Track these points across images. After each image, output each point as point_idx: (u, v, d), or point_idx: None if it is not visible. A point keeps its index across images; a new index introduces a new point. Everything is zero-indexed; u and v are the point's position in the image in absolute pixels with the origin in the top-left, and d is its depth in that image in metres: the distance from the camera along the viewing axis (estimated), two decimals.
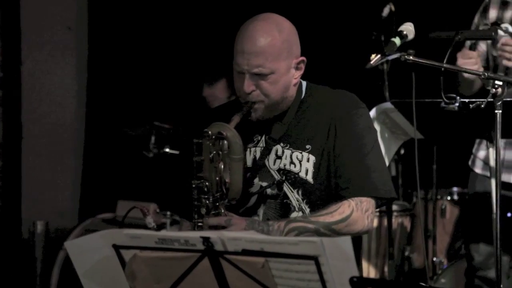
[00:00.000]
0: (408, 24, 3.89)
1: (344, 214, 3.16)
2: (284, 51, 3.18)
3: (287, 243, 2.70)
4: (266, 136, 3.33)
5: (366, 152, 3.25)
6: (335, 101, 3.31)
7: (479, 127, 4.06)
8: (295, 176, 3.26)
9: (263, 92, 3.19)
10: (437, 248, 5.46)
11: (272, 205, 3.29)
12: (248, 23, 3.22)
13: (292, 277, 2.67)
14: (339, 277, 2.57)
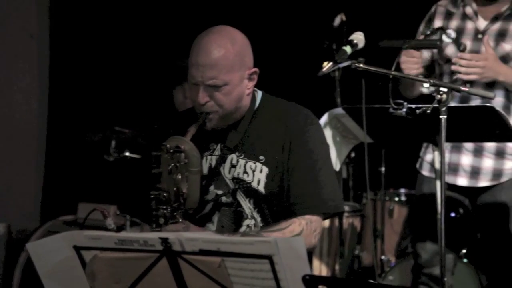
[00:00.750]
0: (359, 33, 3.92)
1: (294, 232, 3.17)
2: (237, 63, 3.18)
3: (242, 243, 2.70)
4: (221, 145, 3.33)
5: (318, 169, 3.26)
6: (290, 116, 3.31)
7: (425, 132, 4.09)
8: (248, 186, 3.27)
9: (217, 103, 3.19)
10: (385, 247, 5.49)
11: (226, 213, 3.30)
12: (202, 35, 3.21)
13: (247, 276, 2.67)
14: (292, 276, 2.58)
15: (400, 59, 4.24)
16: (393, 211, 5.60)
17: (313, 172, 3.24)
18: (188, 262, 2.69)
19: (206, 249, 2.66)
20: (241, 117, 3.31)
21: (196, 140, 3.14)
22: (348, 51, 3.85)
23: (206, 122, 3.21)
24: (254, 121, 3.32)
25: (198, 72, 3.15)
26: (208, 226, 3.29)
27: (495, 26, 4.46)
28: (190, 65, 3.19)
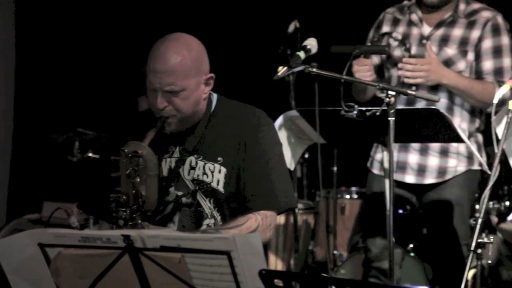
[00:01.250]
0: (312, 39, 3.94)
1: (250, 228, 3.17)
2: (193, 69, 3.18)
3: (202, 239, 2.70)
4: (180, 148, 3.32)
5: (271, 167, 3.27)
6: (245, 118, 3.32)
7: (374, 132, 4.11)
8: (208, 186, 3.27)
9: (175, 108, 3.18)
10: (337, 242, 5.51)
11: (186, 213, 3.29)
12: (159, 43, 3.20)
13: (206, 271, 2.67)
14: (249, 270, 2.58)
15: (353, 69, 4.27)
16: (345, 208, 5.61)
17: (267, 170, 3.25)
18: (149, 258, 2.68)
19: (166, 246, 2.65)
20: (199, 120, 3.30)
21: (155, 143, 3.14)
22: (302, 56, 3.88)
23: (165, 126, 3.20)
24: (211, 124, 3.32)
25: (156, 78, 3.14)
26: (170, 226, 3.29)
27: (438, 32, 4.51)
28: (148, 71, 3.18)
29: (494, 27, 4.45)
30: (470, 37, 4.45)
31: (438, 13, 4.52)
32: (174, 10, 6.38)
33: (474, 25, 4.46)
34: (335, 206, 5.52)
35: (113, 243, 2.67)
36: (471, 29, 4.46)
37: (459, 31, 4.48)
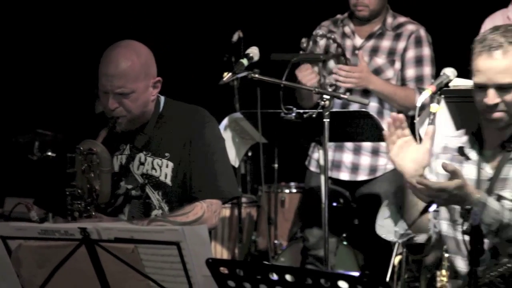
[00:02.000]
0: (254, 47, 3.95)
1: (197, 215, 3.17)
2: (142, 73, 3.17)
3: (153, 231, 2.71)
4: (130, 145, 3.31)
5: (215, 160, 3.27)
6: (190, 116, 3.31)
7: (311, 133, 4.13)
8: (156, 180, 3.26)
9: (125, 109, 3.17)
10: (278, 232, 5.52)
11: (136, 205, 3.28)
12: (110, 49, 3.20)
13: (158, 260, 2.66)
14: (197, 259, 2.58)
15: (298, 77, 4.29)
16: (285, 201, 5.62)
17: (211, 162, 3.25)
18: (104, 249, 2.66)
19: (120, 237, 2.65)
20: (147, 120, 3.30)
21: (107, 142, 3.14)
22: (245, 63, 3.89)
23: (116, 125, 3.19)
24: (159, 123, 3.31)
25: (107, 81, 3.13)
26: (120, 217, 3.28)
27: (369, 43, 4.55)
28: (100, 75, 3.17)
29: (417, 39, 4.51)
30: (397, 48, 4.51)
31: (368, 26, 4.57)
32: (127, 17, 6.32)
33: (400, 37, 4.52)
34: (276, 199, 5.53)
35: (70, 235, 2.66)
36: (397, 41, 4.52)
37: (387, 43, 4.54)
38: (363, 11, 4.50)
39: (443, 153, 2.97)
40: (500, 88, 2.75)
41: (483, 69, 2.76)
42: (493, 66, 2.74)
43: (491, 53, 2.74)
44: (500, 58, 2.74)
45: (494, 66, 2.74)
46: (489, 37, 2.77)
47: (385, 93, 4.44)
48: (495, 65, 2.74)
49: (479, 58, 2.77)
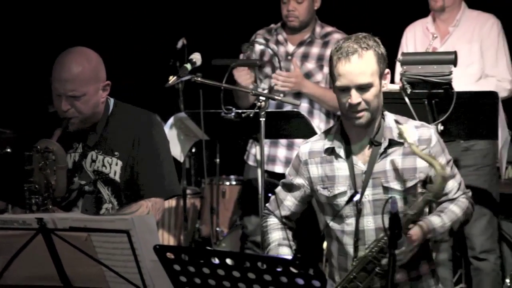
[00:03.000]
0: (197, 53, 3.95)
1: (142, 213, 3.16)
2: (92, 77, 3.15)
3: (105, 220, 2.69)
4: (82, 144, 3.28)
5: (161, 161, 3.26)
6: (138, 118, 3.29)
7: (249, 130, 4.14)
8: (106, 176, 3.23)
9: (77, 110, 3.14)
10: (219, 221, 5.52)
11: (88, 199, 3.26)
12: (63, 55, 3.17)
13: (109, 247, 2.64)
14: (145, 246, 2.56)
15: (235, 77, 4.29)
16: (226, 193, 5.62)
17: (157, 163, 3.24)
18: (60, 237, 2.63)
19: (75, 226, 2.61)
20: (98, 121, 3.26)
21: (61, 141, 3.11)
22: (189, 67, 3.89)
23: (69, 125, 3.16)
24: (109, 123, 3.28)
25: (60, 85, 3.10)
26: (74, 210, 3.25)
27: (300, 50, 4.57)
28: (53, 80, 3.13)
29: None
30: (325, 54, 4.52)
31: (299, 34, 4.59)
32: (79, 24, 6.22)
33: (328, 45, 4.54)
34: (218, 191, 5.52)
35: (28, 225, 2.62)
36: (325, 48, 4.54)
37: (316, 49, 4.56)
38: (293, 21, 4.52)
39: (310, 158, 3.00)
40: (359, 88, 2.79)
41: (343, 72, 2.80)
42: (352, 69, 2.79)
43: (348, 58, 2.79)
44: (357, 62, 2.79)
45: (352, 69, 2.79)
46: (344, 45, 2.82)
47: (316, 96, 4.47)
48: (353, 68, 2.79)
49: (339, 64, 2.81)
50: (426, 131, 2.91)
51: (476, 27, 4.36)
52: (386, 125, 2.91)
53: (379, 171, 2.89)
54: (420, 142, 2.87)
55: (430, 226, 2.82)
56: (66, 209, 3.21)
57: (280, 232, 3.11)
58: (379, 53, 2.84)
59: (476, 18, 4.39)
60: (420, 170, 2.88)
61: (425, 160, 2.79)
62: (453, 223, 2.89)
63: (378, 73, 2.84)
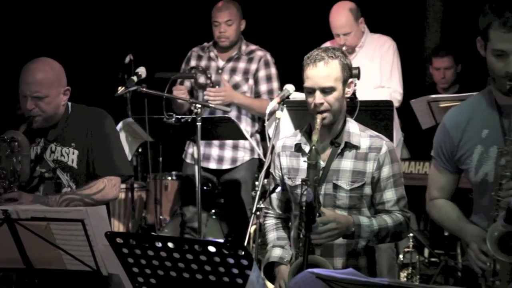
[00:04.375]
0: (142, 67, 3.96)
1: (99, 188, 3.14)
2: (55, 82, 3.16)
3: (62, 211, 2.69)
4: (44, 139, 3.26)
5: (112, 146, 3.25)
6: (91, 113, 3.29)
7: (188, 133, 4.13)
8: (65, 164, 3.21)
9: (40, 109, 3.14)
10: (162, 210, 5.48)
11: (49, 184, 3.23)
12: (30, 63, 3.17)
13: (66, 234, 2.63)
14: (98, 232, 2.56)
15: (174, 93, 4.27)
16: (168, 186, 5.59)
17: (109, 148, 3.23)
18: (22, 226, 2.61)
19: (36, 217, 2.60)
20: (58, 120, 3.25)
21: (27, 135, 3.11)
22: (135, 79, 3.89)
23: (33, 122, 3.15)
24: (68, 121, 3.27)
25: (26, 87, 3.12)
26: (36, 194, 3.20)
27: (229, 65, 4.59)
28: (21, 83, 3.14)
29: (265, 62, 4.57)
30: (250, 69, 4.56)
31: (228, 52, 4.61)
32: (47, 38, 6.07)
33: (252, 60, 4.57)
34: (161, 185, 5.49)
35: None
36: (250, 63, 4.57)
37: (243, 64, 4.58)
38: (225, 42, 4.54)
39: (283, 151, 2.97)
40: (323, 90, 2.78)
41: (310, 76, 2.80)
42: (318, 73, 2.78)
43: (316, 64, 2.79)
44: (323, 67, 2.78)
45: (318, 73, 2.78)
46: (314, 54, 2.83)
47: (245, 105, 4.49)
48: (319, 73, 2.78)
49: (308, 68, 2.81)
50: (379, 141, 2.84)
51: (376, 47, 4.46)
52: (346, 129, 2.86)
53: (334, 169, 2.82)
54: (371, 150, 2.82)
55: (356, 221, 2.74)
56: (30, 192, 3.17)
57: (275, 233, 3.02)
58: (344, 63, 2.81)
59: (376, 40, 4.50)
60: (368, 174, 2.81)
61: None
62: (381, 229, 2.77)
63: (341, 80, 2.80)
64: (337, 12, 4.40)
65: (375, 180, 2.82)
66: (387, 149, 2.83)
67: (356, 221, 2.74)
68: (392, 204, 2.82)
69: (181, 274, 2.31)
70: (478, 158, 2.53)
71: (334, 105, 2.79)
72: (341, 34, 4.37)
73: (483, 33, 2.42)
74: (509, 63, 2.37)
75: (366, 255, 2.88)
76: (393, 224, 2.79)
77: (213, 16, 4.53)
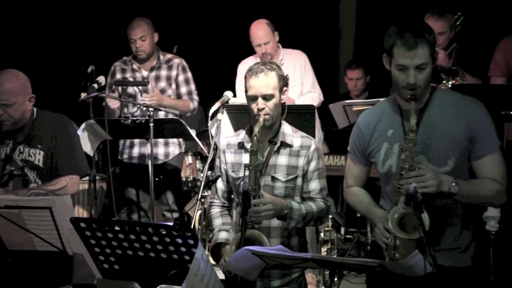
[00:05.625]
0: (102, 76, 3.94)
1: (62, 185, 3.11)
2: (21, 91, 3.11)
3: (33, 200, 2.63)
4: (13, 140, 3.20)
5: (73, 148, 3.21)
6: (55, 119, 3.23)
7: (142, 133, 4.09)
8: (32, 163, 3.16)
9: (9, 115, 3.10)
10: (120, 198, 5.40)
11: (17, 180, 3.17)
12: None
13: (36, 220, 2.58)
14: (64, 218, 2.51)
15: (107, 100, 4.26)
16: None
17: (71, 150, 3.19)
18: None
19: (9, 205, 2.55)
20: (25, 124, 3.19)
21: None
22: (96, 87, 3.85)
23: (2, 126, 3.11)
24: (33, 125, 3.20)
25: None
26: (7, 188, 3.15)
27: (152, 74, 4.53)
28: None
29: (183, 68, 4.55)
30: (171, 75, 4.52)
31: (148, 62, 4.54)
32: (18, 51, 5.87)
33: (172, 68, 4.53)
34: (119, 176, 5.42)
35: None
36: (171, 70, 4.54)
37: (164, 72, 4.53)
38: (142, 55, 4.48)
39: (228, 149, 2.95)
40: (264, 97, 2.78)
41: (253, 85, 2.79)
42: (259, 83, 2.77)
43: (257, 75, 2.78)
44: (263, 78, 2.78)
45: (259, 83, 2.77)
46: (254, 67, 2.83)
47: (172, 105, 4.44)
48: (260, 82, 2.77)
49: (250, 79, 2.80)
50: (308, 141, 2.86)
51: (295, 60, 4.46)
52: (282, 131, 2.86)
53: (272, 164, 2.82)
54: (302, 148, 2.84)
55: (289, 205, 2.75)
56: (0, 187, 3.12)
57: (220, 219, 2.96)
58: (279, 74, 2.81)
59: (292, 54, 4.48)
60: (300, 168, 2.82)
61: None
62: (308, 213, 2.78)
63: (278, 88, 2.79)
64: (256, 26, 4.41)
65: (304, 173, 2.85)
66: (315, 147, 2.86)
67: (289, 204, 2.76)
68: (316, 193, 2.84)
69: (136, 253, 2.30)
70: (384, 153, 2.59)
71: (273, 111, 2.80)
72: (262, 44, 4.37)
73: (388, 51, 2.48)
74: (409, 76, 2.44)
75: (297, 235, 2.90)
76: (317, 210, 2.81)
77: (128, 34, 4.47)
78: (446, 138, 2.48)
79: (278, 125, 2.87)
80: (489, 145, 2.48)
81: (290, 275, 2.83)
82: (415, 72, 2.43)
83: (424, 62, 2.42)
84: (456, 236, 2.53)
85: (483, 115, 2.49)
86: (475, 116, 2.48)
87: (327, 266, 2.44)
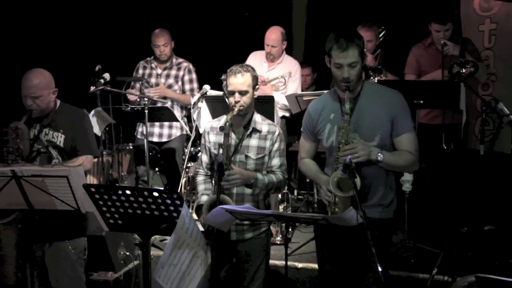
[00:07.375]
0: (107, 73, 3.87)
1: (79, 162, 3.05)
2: (46, 86, 3.05)
3: (53, 170, 2.60)
4: (40, 124, 3.13)
5: (88, 135, 3.15)
6: (75, 111, 3.16)
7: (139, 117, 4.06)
8: (55, 143, 3.10)
9: (36, 105, 3.04)
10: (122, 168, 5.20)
11: (43, 157, 3.11)
12: (28, 72, 3.05)
13: (56, 185, 2.57)
14: (78, 184, 2.52)
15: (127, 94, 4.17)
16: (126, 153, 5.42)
17: (86, 136, 3.13)
18: (26, 181, 2.55)
19: (35, 174, 2.55)
20: (49, 111, 3.13)
21: (27, 122, 3.01)
22: (102, 81, 3.80)
23: (32, 114, 3.04)
24: (57, 113, 3.14)
25: (26, 90, 3.01)
26: (34, 163, 3.08)
27: (165, 72, 4.51)
28: (22, 87, 3.02)
29: (189, 70, 4.53)
30: (179, 74, 4.51)
31: (163, 64, 4.53)
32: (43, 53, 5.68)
33: (181, 69, 4.51)
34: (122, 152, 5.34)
35: (5, 174, 2.54)
36: (179, 71, 4.52)
37: (174, 72, 4.53)
38: (164, 58, 4.49)
39: (211, 131, 2.93)
40: (240, 93, 2.77)
41: (232, 83, 2.77)
42: (237, 81, 2.75)
43: (236, 75, 2.76)
44: (240, 77, 2.76)
45: (237, 81, 2.75)
46: (234, 68, 2.81)
47: (175, 98, 4.45)
48: (237, 80, 2.75)
49: (230, 78, 2.78)
50: (273, 128, 2.83)
51: (289, 66, 4.42)
52: (253, 119, 2.82)
53: (245, 145, 2.78)
54: (269, 133, 2.80)
55: (255, 176, 2.72)
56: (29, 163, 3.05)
57: (203, 185, 2.92)
58: (253, 75, 2.77)
59: (288, 60, 4.44)
60: (267, 149, 2.80)
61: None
62: (269, 183, 2.77)
63: (252, 86, 2.76)
64: (272, 30, 4.37)
65: (269, 152, 2.86)
66: (278, 132, 2.86)
67: (255, 176, 2.77)
68: (277, 168, 2.82)
69: (135, 211, 2.32)
70: (328, 132, 2.63)
71: (247, 103, 2.79)
72: (270, 45, 4.34)
73: (328, 52, 2.53)
74: (344, 72, 2.49)
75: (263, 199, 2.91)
76: (277, 181, 2.80)
77: (153, 40, 4.48)
78: (374, 119, 2.53)
79: (251, 114, 2.87)
80: (406, 126, 2.54)
81: (260, 228, 2.87)
82: (348, 69, 2.48)
83: (354, 60, 2.47)
84: (381, 195, 2.59)
85: (401, 102, 2.56)
86: (395, 103, 2.54)
87: (283, 220, 2.51)
